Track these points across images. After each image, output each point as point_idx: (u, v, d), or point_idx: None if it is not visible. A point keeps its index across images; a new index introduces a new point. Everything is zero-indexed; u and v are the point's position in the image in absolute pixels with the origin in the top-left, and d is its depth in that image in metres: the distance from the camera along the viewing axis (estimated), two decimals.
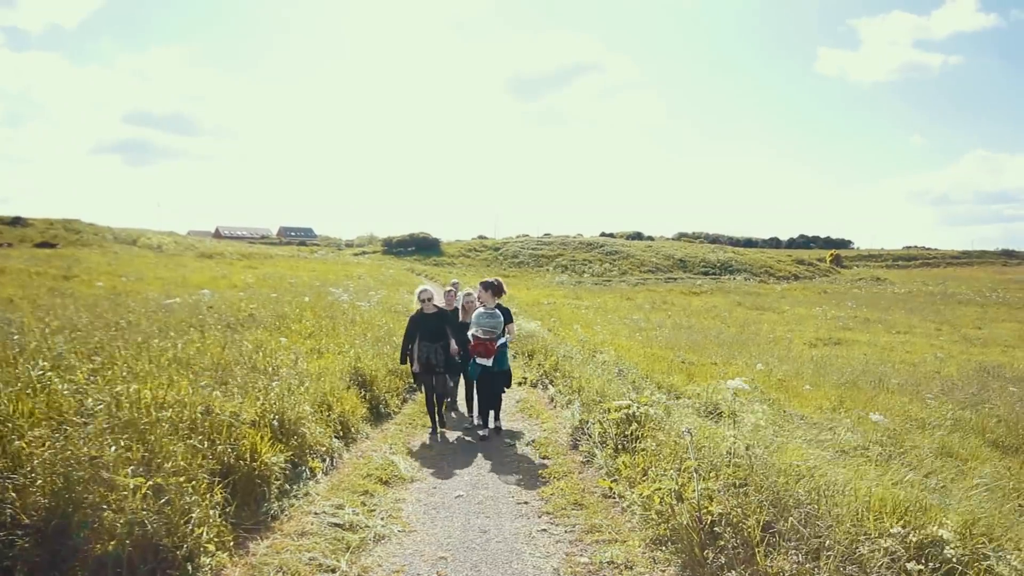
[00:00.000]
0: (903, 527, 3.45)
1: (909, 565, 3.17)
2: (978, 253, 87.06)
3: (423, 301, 7.42)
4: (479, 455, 6.68)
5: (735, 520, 3.82)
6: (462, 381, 8.56)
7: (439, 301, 7.97)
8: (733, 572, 3.55)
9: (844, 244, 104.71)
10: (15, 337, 6.33)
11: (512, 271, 51.59)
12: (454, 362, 7.57)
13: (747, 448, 4.35)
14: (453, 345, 7.44)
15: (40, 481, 3.31)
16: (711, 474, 4.30)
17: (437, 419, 7.49)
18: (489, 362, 7.05)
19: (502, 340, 7.21)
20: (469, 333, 7.21)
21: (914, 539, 3.36)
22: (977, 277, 59.14)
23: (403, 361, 7.55)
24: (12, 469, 3.38)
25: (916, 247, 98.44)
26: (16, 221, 41.96)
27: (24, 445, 3.50)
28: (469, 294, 8.42)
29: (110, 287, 16.30)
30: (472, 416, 7.87)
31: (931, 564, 3.20)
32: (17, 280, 16.99)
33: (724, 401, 6.76)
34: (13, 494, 3.25)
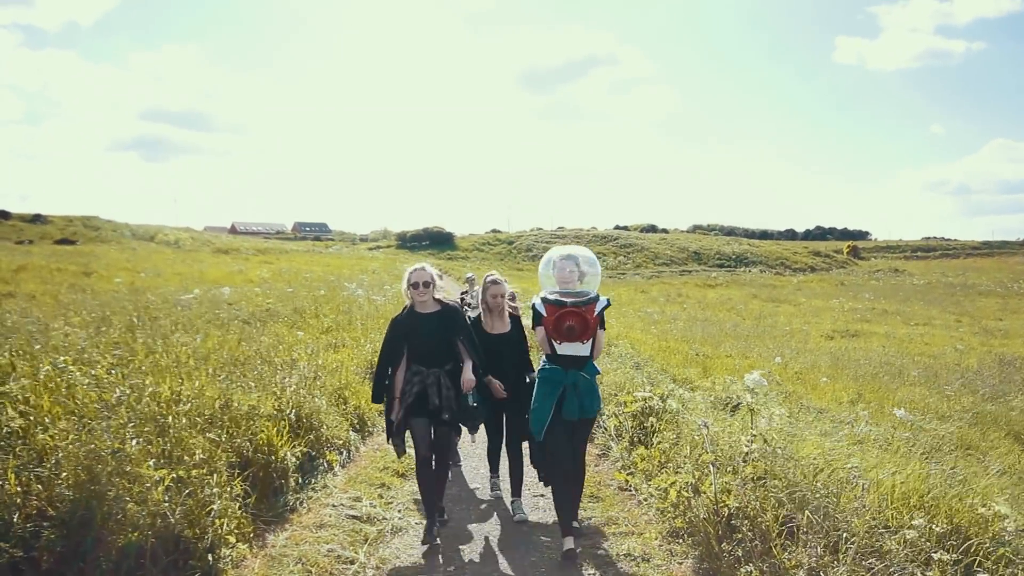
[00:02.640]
0: (926, 519, 3.42)
1: (935, 555, 3.14)
2: (999, 244, 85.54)
3: (414, 288, 4.33)
4: None
5: (752, 513, 3.80)
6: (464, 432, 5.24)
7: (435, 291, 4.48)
8: (750, 565, 3.54)
9: (861, 235, 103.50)
10: (37, 332, 6.43)
11: (526, 264, 51.54)
12: (471, 405, 4.39)
13: (765, 442, 4.32)
14: (468, 373, 4.28)
15: (65, 474, 3.36)
16: (728, 467, 4.28)
17: (436, 511, 4.36)
18: (586, 350, 4.10)
19: (602, 305, 4.18)
20: (536, 300, 4.19)
21: (938, 529, 3.33)
22: (998, 268, 58.22)
23: (377, 398, 4.57)
24: (38, 462, 3.44)
25: (935, 238, 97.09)
26: (36, 218, 42.57)
27: (48, 438, 3.57)
28: (496, 282, 4.99)
29: (129, 283, 16.50)
30: (497, 482, 5.31)
31: (954, 555, 3.17)
32: (39, 276, 17.25)
33: (741, 395, 6.72)
34: (39, 486, 3.32)
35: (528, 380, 4.79)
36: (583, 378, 4.12)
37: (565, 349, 4.08)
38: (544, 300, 4.12)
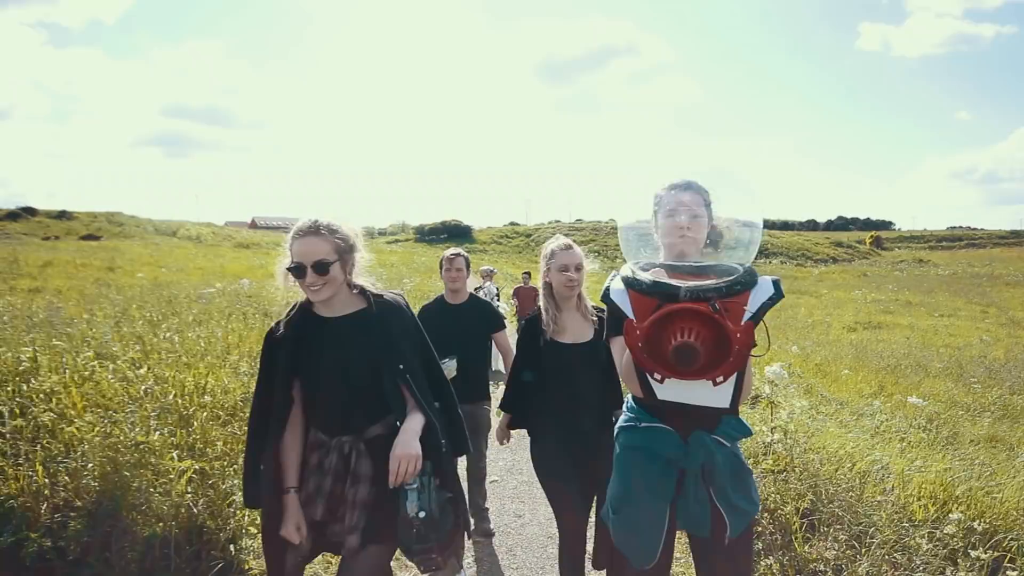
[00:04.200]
0: (963, 514, 3.37)
1: (973, 553, 3.09)
2: None
3: (296, 275, 2.15)
4: (513, 441, 6.70)
5: (772, 506, 3.77)
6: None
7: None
8: (771, 558, 3.51)
9: (885, 225, 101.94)
10: (63, 327, 6.54)
11: None
12: (411, 516, 2.05)
13: (785, 434, 4.29)
14: (405, 442, 2.06)
15: (91, 465, 3.43)
16: (749, 459, 4.25)
17: None
18: (723, 395, 1.95)
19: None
20: (614, 282, 2.00)
21: (979, 527, 3.28)
22: None
23: (250, 499, 2.26)
24: (65, 454, 3.52)
25: (961, 227, 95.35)
26: (62, 215, 43.36)
27: (75, 431, 3.64)
28: (567, 249, 2.98)
29: (152, 278, 16.75)
30: None
31: (981, 550, 3.12)
32: (64, 271, 17.57)
33: (759, 387, 6.65)
34: (67, 478, 3.39)
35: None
36: (722, 449, 2.00)
37: (671, 391, 1.96)
38: (629, 283, 1.91)
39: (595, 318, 2.94)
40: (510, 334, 4.60)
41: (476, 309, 3.94)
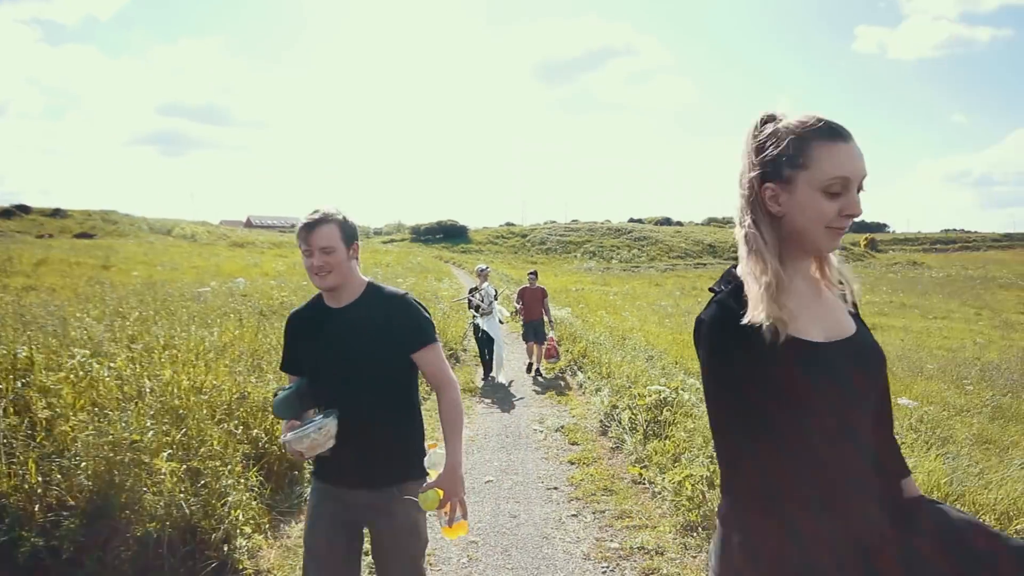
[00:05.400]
0: None
1: None
2: (1021, 236, 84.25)
3: None
4: (508, 441, 6.72)
5: None
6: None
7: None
8: None
9: (879, 228, 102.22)
10: (58, 325, 6.52)
11: (540, 258, 51.50)
12: None
13: None
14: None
15: (84, 464, 3.41)
16: None
17: None
18: None
19: None
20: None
21: None
22: (1020, 260, 57.28)
23: None
24: (59, 452, 3.50)
25: (955, 230, 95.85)
26: (56, 212, 43.17)
27: (69, 429, 3.62)
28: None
29: (146, 276, 16.70)
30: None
31: None
32: (58, 270, 17.49)
33: None
34: (59, 476, 3.37)
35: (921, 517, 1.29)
36: None
37: None
38: None
39: (844, 295, 1.43)
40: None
41: (379, 313, 2.13)
